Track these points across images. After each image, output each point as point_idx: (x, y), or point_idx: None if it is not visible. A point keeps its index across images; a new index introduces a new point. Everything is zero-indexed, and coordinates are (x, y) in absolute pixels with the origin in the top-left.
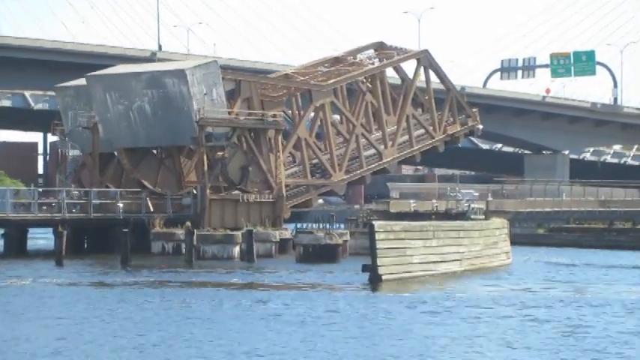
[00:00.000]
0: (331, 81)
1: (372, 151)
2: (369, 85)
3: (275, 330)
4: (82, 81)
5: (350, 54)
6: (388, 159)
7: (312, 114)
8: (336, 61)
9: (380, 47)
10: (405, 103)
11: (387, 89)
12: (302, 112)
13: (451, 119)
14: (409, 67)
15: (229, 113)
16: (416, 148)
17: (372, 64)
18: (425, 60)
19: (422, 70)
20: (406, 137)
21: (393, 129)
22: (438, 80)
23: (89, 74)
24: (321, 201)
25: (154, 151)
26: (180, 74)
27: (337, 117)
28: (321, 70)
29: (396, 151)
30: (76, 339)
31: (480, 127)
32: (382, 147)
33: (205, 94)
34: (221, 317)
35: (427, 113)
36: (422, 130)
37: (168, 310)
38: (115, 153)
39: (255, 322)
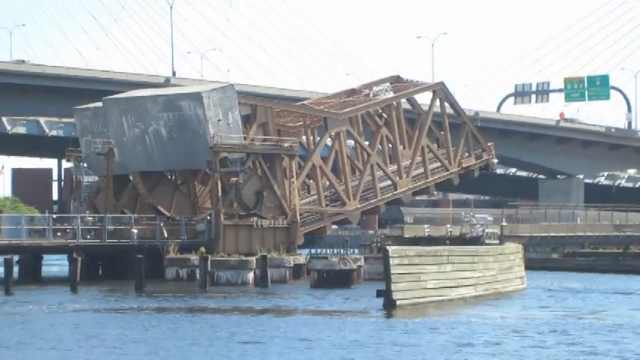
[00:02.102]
0: (347, 109)
1: (387, 182)
2: (385, 116)
3: (290, 356)
4: (100, 104)
5: (366, 87)
6: (402, 189)
7: (328, 142)
8: (352, 93)
9: (396, 80)
10: (420, 136)
11: (402, 122)
12: (317, 141)
13: (466, 154)
14: (425, 99)
15: (244, 138)
16: (430, 179)
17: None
18: (440, 92)
19: (437, 101)
20: (421, 170)
21: (408, 162)
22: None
23: (106, 97)
24: (335, 226)
25: (169, 177)
26: (197, 97)
27: (351, 142)
28: (336, 101)
29: (411, 182)
30: None
31: (495, 161)
32: (397, 178)
33: (220, 119)
34: (238, 340)
35: (443, 148)
36: (437, 163)
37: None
38: (130, 177)
39: (270, 346)
